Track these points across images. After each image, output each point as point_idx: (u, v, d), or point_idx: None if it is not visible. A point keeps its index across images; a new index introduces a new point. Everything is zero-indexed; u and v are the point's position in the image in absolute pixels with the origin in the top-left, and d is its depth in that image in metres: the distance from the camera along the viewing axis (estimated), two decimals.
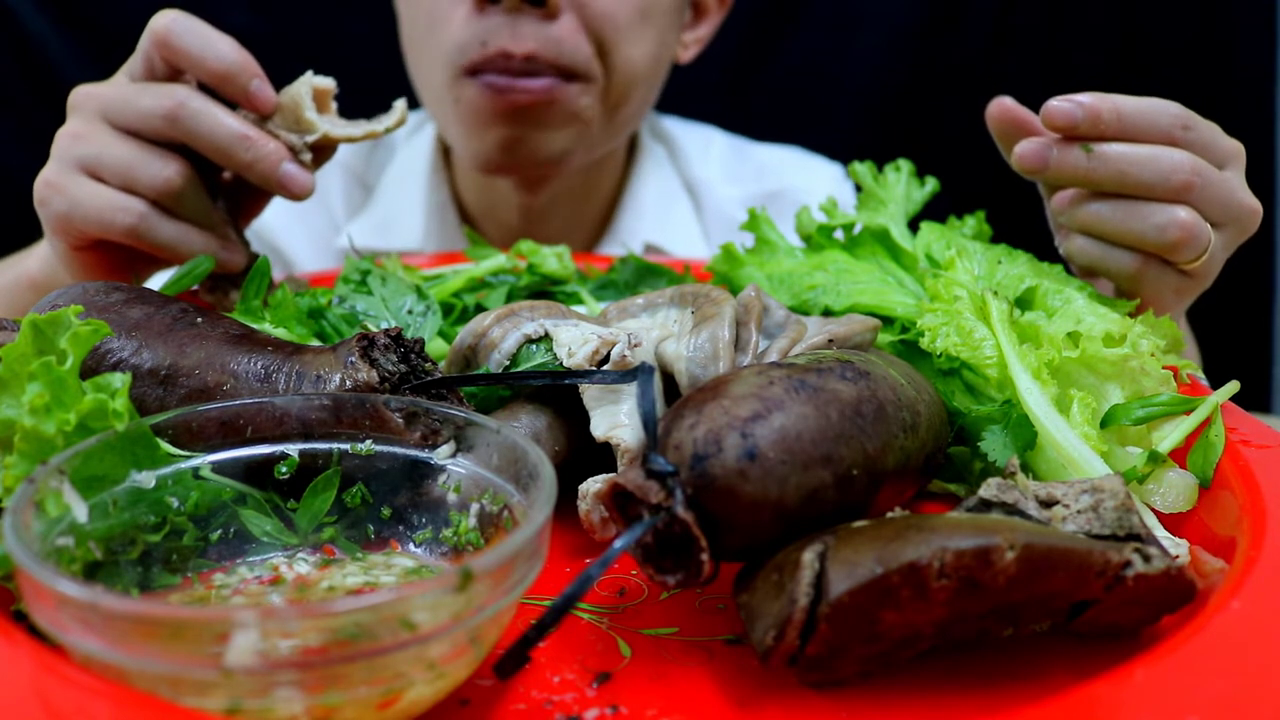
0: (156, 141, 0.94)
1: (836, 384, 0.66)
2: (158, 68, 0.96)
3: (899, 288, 0.99)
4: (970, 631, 0.59)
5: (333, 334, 0.95)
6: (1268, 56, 2.39)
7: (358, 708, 0.52)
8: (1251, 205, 0.91)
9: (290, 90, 0.97)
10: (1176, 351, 0.89)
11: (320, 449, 0.70)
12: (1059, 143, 0.91)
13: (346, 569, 0.67)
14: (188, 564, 0.66)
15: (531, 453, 0.64)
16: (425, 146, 1.65)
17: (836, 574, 0.56)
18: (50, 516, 0.59)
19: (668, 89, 1.55)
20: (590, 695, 0.60)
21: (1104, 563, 0.57)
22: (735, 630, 0.67)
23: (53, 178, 0.94)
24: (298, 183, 0.96)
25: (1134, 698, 0.51)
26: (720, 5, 1.61)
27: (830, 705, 0.59)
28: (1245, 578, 0.60)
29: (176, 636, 0.50)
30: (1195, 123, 0.89)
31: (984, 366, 0.84)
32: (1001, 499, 0.64)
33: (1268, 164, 2.41)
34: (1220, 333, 1.68)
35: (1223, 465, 0.76)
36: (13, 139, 2.16)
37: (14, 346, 0.64)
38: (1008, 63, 2.36)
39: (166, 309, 0.78)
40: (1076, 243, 0.95)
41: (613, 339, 0.79)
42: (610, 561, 0.57)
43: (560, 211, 1.58)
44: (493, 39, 1.27)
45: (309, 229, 1.65)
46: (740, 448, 0.59)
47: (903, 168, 1.11)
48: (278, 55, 1.05)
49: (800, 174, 1.78)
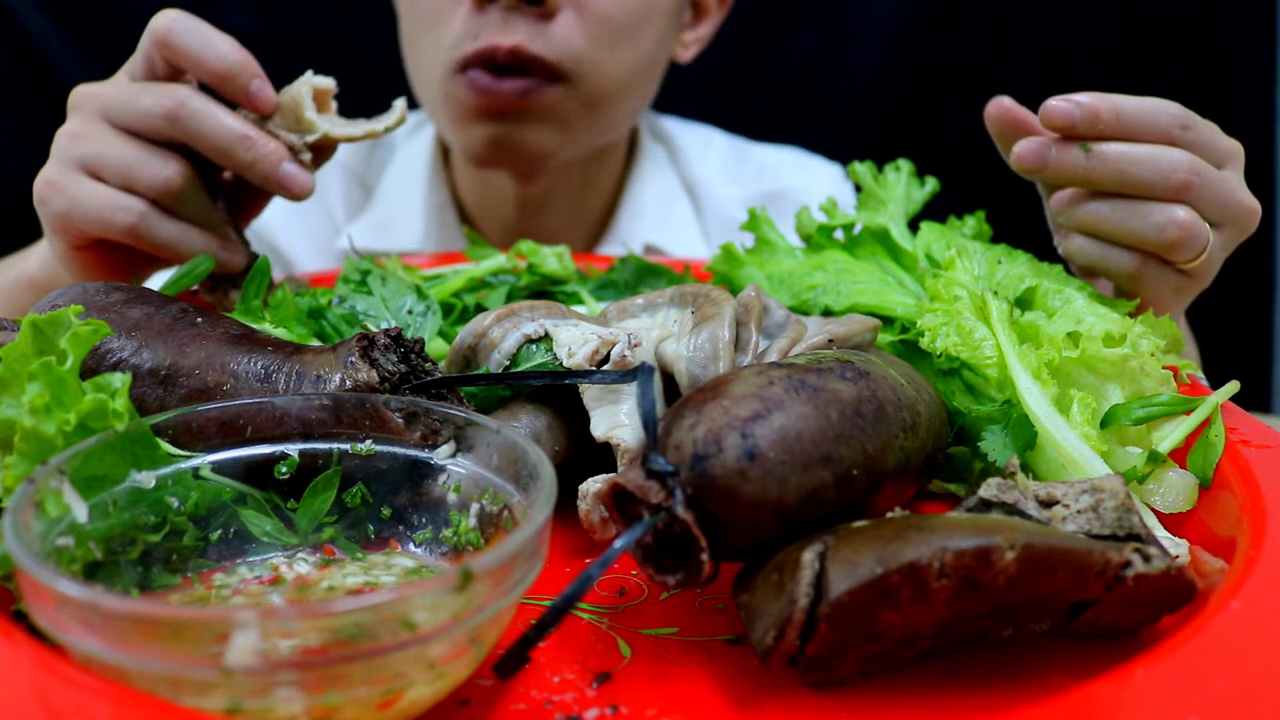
0: (157, 141, 0.94)
1: (836, 384, 0.66)
2: (158, 67, 0.96)
3: (899, 288, 0.99)
4: (970, 631, 0.59)
5: (333, 334, 0.95)
6: (1268, 56, 2.39)
7: (358, 708, 0.52)
8: (1250, 205, 0.91)
9: (290, 90, 0.97)
10: (1176, 351, 0.89)
11: (320, 449, 0.70)
12: (1057, 142, 0.91)
13: (346, 569, 0.67)
14: (188, 564, 0.66)
15: (531, 453, 0.64)
16: (425, 147, 1.65)
17: (836, 574, 0.56)
18: (50, 516, 0.59)
19: (667, 89, 1.55)
20: (590, 695, 0.60)
21: (1104, 563, 0.57)
22: (735, 630, 0.67)
23: (52, 177, 0.94)
24: (297, 183, 0.96)
25: (1134, 698, 0.51)
26: (720, 5, 1.61)
27: (830, 705, 0.59)
28: (1245, 578, 0.60)
29: (176, 636, 0.50)
30: (1194, 122, 0.89)
31: (984, 366, 0.84)
32: (1001, 499, 0.64)
33: (1268, 164, 2.41)
34: (1220, 333, 1.68)
35: (1223, 465, 0.76)
36: (13, 139, 2.16)
37: (14, 346, 0.64)
38: (1008, 63, 2.36)
39: (166, 309, 0.78)
40: (1075, 242, 0.95)
41: (613, 339, 0.79)
42: (610, 561, 0.57)
43: (558, 206, 1.58)
44: (484, 34, 1.28)
45: (309, 229, 1.65)
46: (740, 448, 0.59)
47: (903, 168, 1.11)
48: (278, 55, 1.05)
49: (800, 174, 1.78)
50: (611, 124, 1.47)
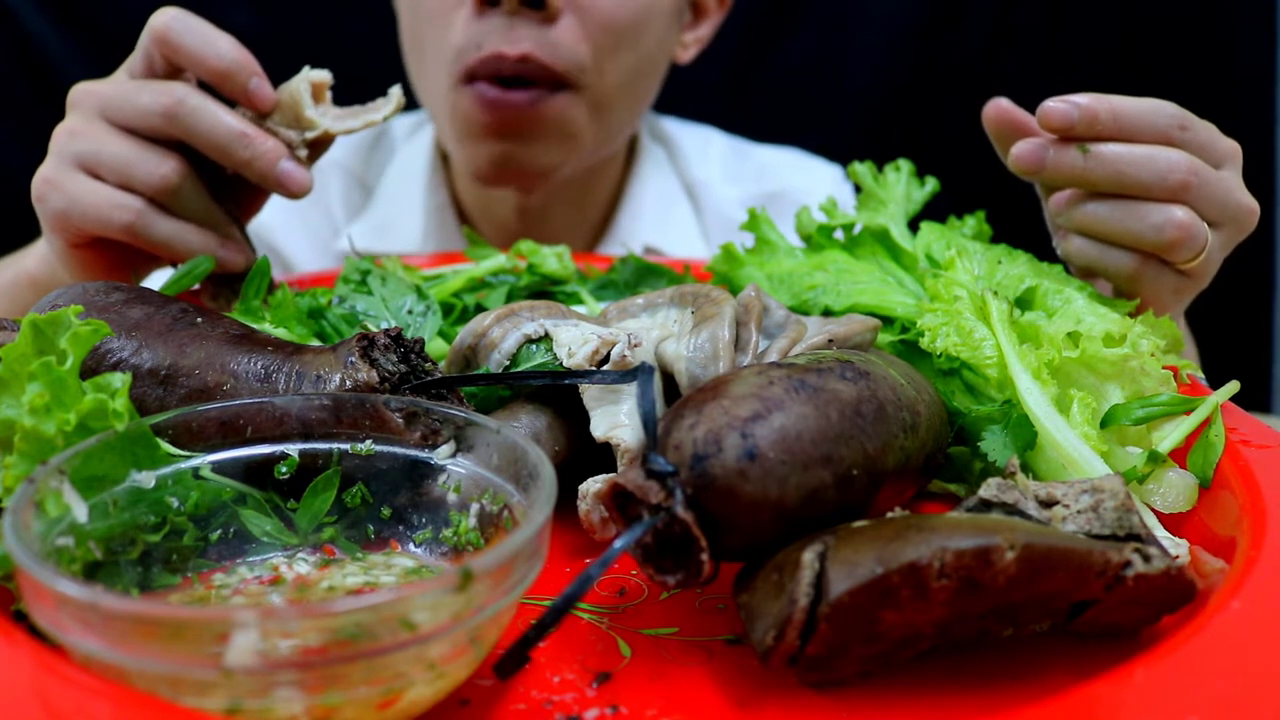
0: (156, 139, 0.94)
1: (836, 384, 0.66)
2: (157, 65, 0.96)
3: (899, 288, 0.99)
4: (970, 631, 0.59)
5: (333, 334, 0.95)
6: (1268, 56, 2.39)
7: (358, 708, 0.52)
8: (1249, 205, 0.91)
9: (288, 87, 0.97)
10: (1176, 351, 0.89)
11: (320, 449, 0.70)
12: (1055, 143, 0.91)
13: (346, 569, 0.67)
14: (188, 564, 0.66)
15: (531, 453, 0.64)
16: (424, 147, 1.65)
17: (836, 574, 0.56)
18: (50, 516, 0.59)
19: (667, 89, 1.55)
20: (590, 695, 0.60)
21: (1104, 563, 0.57)
22: (735, 630, 0.67)
23: (50, 175, 0.94)
24: (295, 180, 0.96)
25: (1134, 698, 0.51)
26: (720, 5, 1.61)
27: (830, 705, 0.59)
28: (1245, 578, 0.60)
29: (176, 636, 0.50)
30: (1192, 123, 0.89)
31: (984, 366, 0.84)
32: (1001, 499, 0.64)
33: (1267, 164, 2.41)
34: (1220, 333, 1.68)
35: (1223, 465, 0.76)
36: (13, 139, 2.16)
37: (14, 346, 0.64)
38: (1008, 63, 2.36)
39: (166, 309, 0.78)
40: (1074, 243, 0.95)
41: (613, 339, 0.79)
42: (610, 561, 0.57)
43: (559, 213, 1.58)
44: (488, 42, 1.28)
45: (309, 230, 1.65)
46: (740, 448, 0.59)
47: (903, 168, 1.11)
48: (278, 55, 1.05)
49: (800, 175, 1.78)
50: (616, 130, 1.47)
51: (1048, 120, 0.89)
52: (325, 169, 1.67)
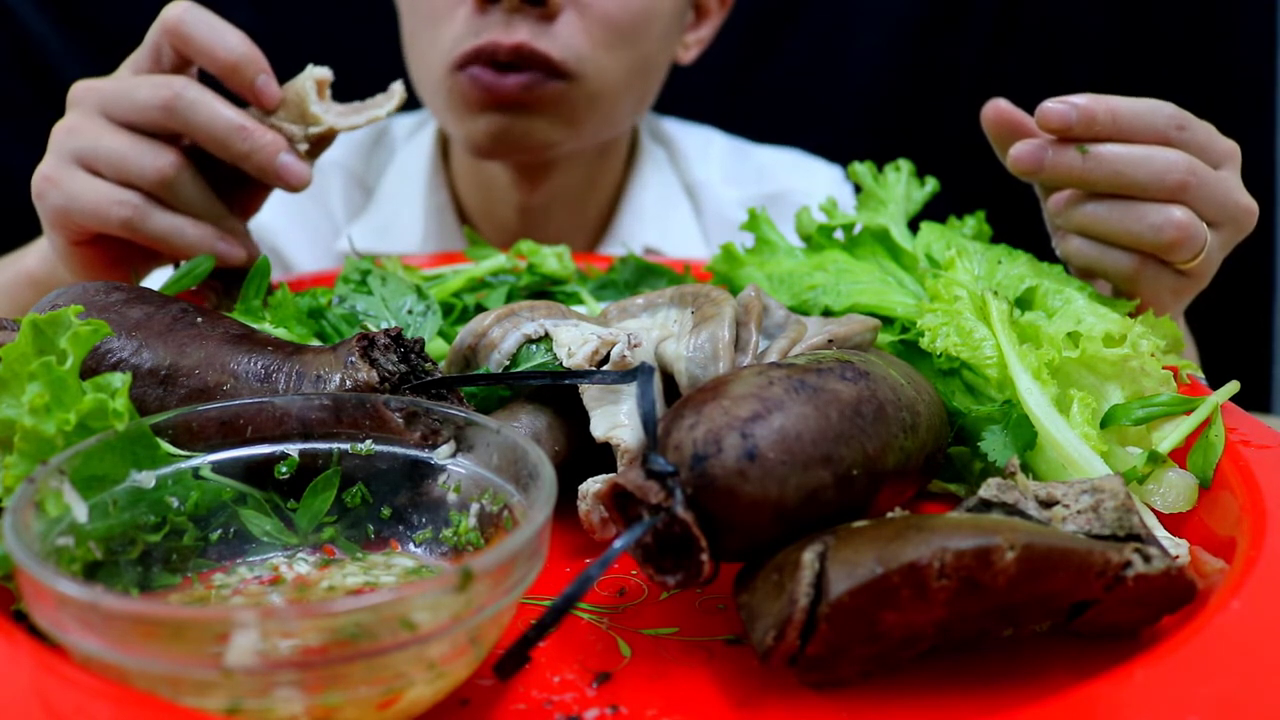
0: (155, 134, 0.94)
1: (836, 384, 0.66)
2: (166, 57, 0.96)
3: (899, 288, 0.99)
4: (970, 631, 0.59)
5: (333, 334, 0.95)
6: (1268, 56, 2.39)
7: (358, 708, 0.52)
8: (1247, 205, 0.91)
9: (294, 84, 0.97)
10: (1176, 351, 0.89)
11: (320, 449, 0.70)
12: (1054, 144, 0.91)
13: (346, 569, 0.67)
14: (188, 564, 0.66)
15: (531, 453, 0.64)
16: (424, 148, 1.65)
17: (836, 574, 0.56)
18: (50, 516, 0.59)
19: (667, 89, 1.55)
20: (590, 695, 0.60)
21: (1104, 563, 0.57)
22: (735, 630, 0.67)
23: (49, 172, 0.94)
24: (294, 173, 0.95)
25: (1134, 698, 0.51)
26: (721, 6, 1.61)
27: (830, 705, 0.59)
28: (1245, 578, 0.60)
29: (176, 636, 0.50)
30: (1190, 123, 0.89)
31: (984, 366, 0.84)
32: (1001, 499, 0.64)
33: (1267, 164, 2.41)
34: (1220, 333, 1.68)
35: (1223, 465, 0.76)
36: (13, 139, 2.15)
37: (14, 346, 0.64)
38: (1008, 63, 2.36)
39: (166, 309, 0.78)
40: (1073, 244, 0.95)
41: (613, 339, 0.79)
42: (610, 561, 0.57)
43: (559, 213, 1.58)
44: (486, 32, 1.28)
45: (309, 231, 1.65)
46: (740, 448, 0.59)
47: (903, 168, 1.11)
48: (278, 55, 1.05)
49: (800, 176, 1.78)
50: (615, 119, 1.47)
51: (1046, 121, 0.89)
52: (326, 169, 1.67)
